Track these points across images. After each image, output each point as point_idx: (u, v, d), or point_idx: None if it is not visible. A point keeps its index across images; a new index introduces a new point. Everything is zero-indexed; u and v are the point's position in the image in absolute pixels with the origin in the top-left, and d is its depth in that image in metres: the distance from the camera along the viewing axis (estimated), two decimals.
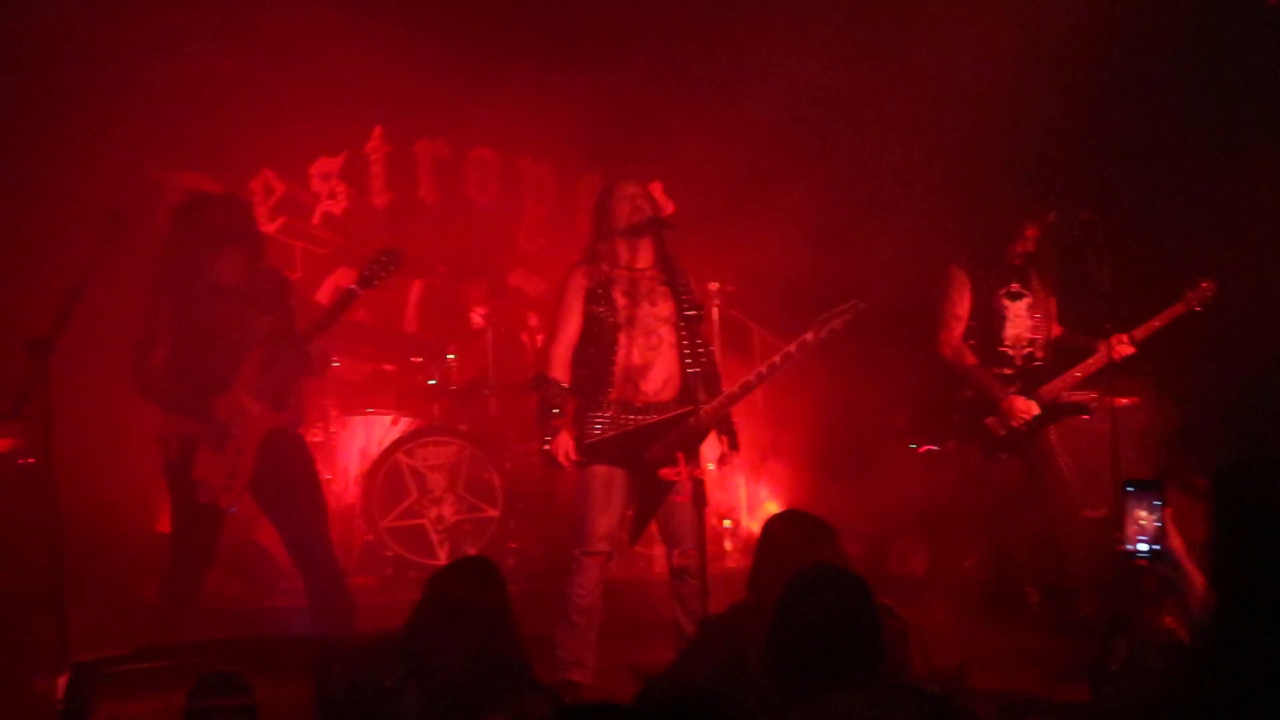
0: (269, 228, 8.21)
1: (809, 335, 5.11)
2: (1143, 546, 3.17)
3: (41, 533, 4.80)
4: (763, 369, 5.25)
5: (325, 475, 6.54)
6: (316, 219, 8.79)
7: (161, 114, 7.57)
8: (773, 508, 7.49)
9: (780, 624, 3.14)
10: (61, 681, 3.87)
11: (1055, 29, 7.46)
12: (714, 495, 7.11)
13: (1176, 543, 3.14)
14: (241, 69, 7.68)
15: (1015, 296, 6.40)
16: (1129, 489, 3.24)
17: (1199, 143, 7.51)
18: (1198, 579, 3.14)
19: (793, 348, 5.15)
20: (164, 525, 6.32)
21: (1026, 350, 6.39)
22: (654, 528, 5.56)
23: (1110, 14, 7.35)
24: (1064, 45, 7.49)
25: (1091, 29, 7.35)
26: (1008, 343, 6.38)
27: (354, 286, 5.45)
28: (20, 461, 6.14)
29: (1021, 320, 6.40)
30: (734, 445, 5.43)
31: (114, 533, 6.59)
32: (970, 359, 6.34)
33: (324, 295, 8.37)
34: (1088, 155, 7.87)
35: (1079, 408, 6.44)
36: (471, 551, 6.86)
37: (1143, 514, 3.17)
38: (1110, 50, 7.45)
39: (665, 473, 5.14)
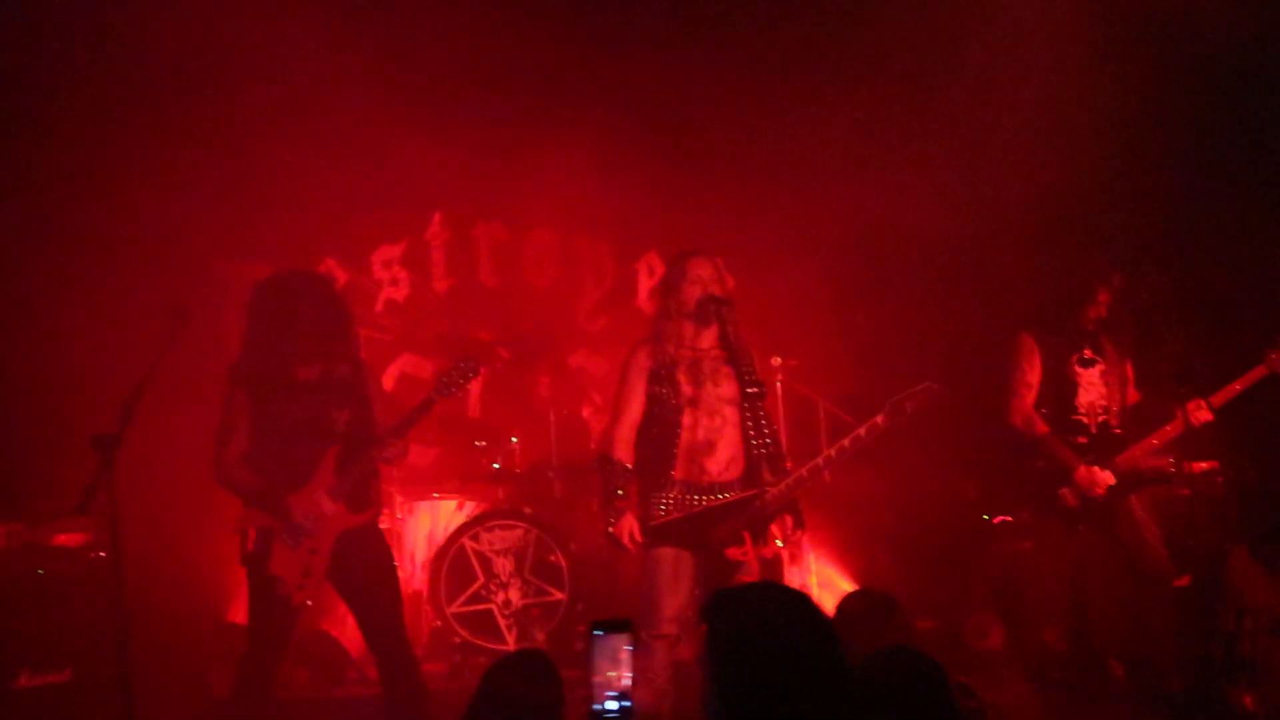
0: None
1: (880, 419, 4.98)
2: (611, 705, 2.62)
3: (112, 626, 4.80)
4: (831, 453, 5.12)
5: None
6: (379, 306, 8.86)
7: (223, 208, 7.69)
8: (845, 586, 7.36)
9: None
10: None
11: (1120, 89, 7.37)
12: (786, 574, 7.01)
13: (644, 697, 2.67)
14: (302, 161, 7.78)
15: (1088, 363, 6.26)
16: (596, 632, 2.67)
17: (1273, 198, 7.36)
18: None
19: (862, 431, 5.02)
20: (235, 615, 6.31)
21: (1101, 418, 6.23)
22: None
23: (1175, 71, 7.26)
24: (1130, 105, 7.40)
25: (1157, 87, 7.25)
26: (1082, 410, 6.23)
27: (432, 394, 5.46)
28: (91, 555, 6.17)
29: (1095, 387, 6.25)
30: (800, 524, 5.30)
31: (184, 624, 6.58)
32: (1042, 428, 6.19)
33: (389, 381, 8.40)
34: (1157, 215, 7.74)
35: (1159, 476, 6.27)
36: (540, 636, 6.79)
37: (611, 662, 2.63)
38: (1177, 109, 7.34)
39: (732, 553, 5.08)
